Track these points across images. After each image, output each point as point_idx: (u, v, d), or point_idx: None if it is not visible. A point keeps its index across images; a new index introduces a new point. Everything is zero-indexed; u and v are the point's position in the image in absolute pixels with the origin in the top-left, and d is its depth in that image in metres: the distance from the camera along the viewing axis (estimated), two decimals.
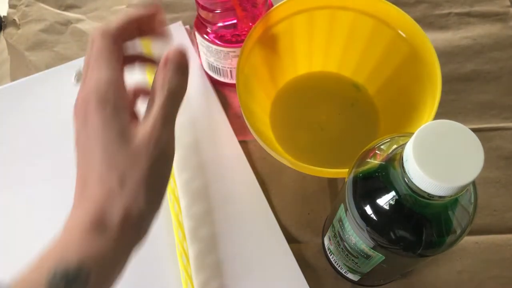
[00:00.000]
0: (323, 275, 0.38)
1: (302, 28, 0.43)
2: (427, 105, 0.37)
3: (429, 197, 0.22)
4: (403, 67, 0.41)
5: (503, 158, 0.43)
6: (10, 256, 0.40)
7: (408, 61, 0.40)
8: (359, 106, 0.45)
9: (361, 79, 0.46)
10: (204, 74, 0.48)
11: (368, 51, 0.43)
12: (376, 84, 0.45)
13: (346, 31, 0.43)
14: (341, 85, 0.47)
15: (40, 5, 0.54)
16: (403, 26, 0.40)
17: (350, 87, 0.46)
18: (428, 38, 0.38)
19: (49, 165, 0.44)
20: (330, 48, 0.45)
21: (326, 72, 0.47)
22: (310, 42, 0.45)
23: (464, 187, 0.21)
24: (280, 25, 0.42)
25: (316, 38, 0.44)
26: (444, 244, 0.26)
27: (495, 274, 0.38)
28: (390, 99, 0.44)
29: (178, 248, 0.38)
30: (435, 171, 0.21)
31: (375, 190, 0.26)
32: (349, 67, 0.46)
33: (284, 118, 0.45)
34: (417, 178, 0.21)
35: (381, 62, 0.43)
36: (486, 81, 0.47)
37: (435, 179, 0.20)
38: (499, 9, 0.51)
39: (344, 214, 0.29)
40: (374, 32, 0.42)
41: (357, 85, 0.46)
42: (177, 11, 0.53)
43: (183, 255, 0.37)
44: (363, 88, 0.46)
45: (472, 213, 0.26)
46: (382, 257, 0.28)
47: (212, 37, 0.42)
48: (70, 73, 0.49)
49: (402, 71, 0.41)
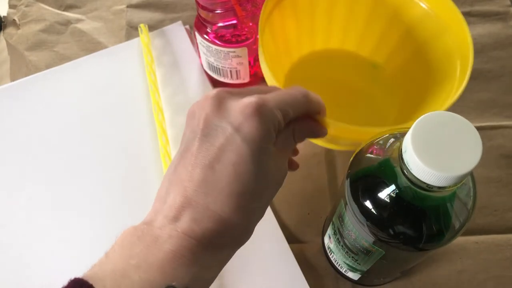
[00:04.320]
0: (323, 275, 0.38)
1: (324, 1, 0.42)
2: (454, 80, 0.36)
3: (428, 189, 0.22)
4: (429, 43, 0.40)
5: (504, 156, 0.43)
6: (10, 256, 0.40)
7: (435, 36, 0.39)
8: (376, 86, 0.45)
9: (380, 58, 0.45)
10: (204, 74, 0.48)
11: (391, 29, 0.42)
12: (395, 63, 0.44)
13: (368, 8, 0.42)
14: (359, 64, 0.46)
15: (40, 5, 0.54)
16: (432, 1, 0.39)
17: (368, 67, 0.46)
18: (459, 12, 0.37)
19: (49, 165, 0.44)
20: (350, 26, 0.45)
21: (344, 49, 0.47)
22: (330, 18, 0.44)
23: (462, 177, 0.21)
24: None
25: (336, 13, 0.44)
26: (443, 238, 0.26)
27: (495, 274, 0.38)
28: (410, 79, 0.43)
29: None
30: (433, 161, 0.21)
31: (374, 184, 0.26)
32: (367, 46, 0.46)
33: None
34: (416, 169, 0.21)
35: (403, 41, 0.42)
36: (487, 80, 0.47)
37: (433, 168, 0.21)
38: (499, 8, 0.51)
39: (344, 210, 0.29)
40: (398, 9, 0.41)
41: (376, 65, 0.46)
42: (177, 11, 0.53)
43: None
44: (382, 68, 0.46)
45: (471, 207, 0.26)
46: (382, 252, 0.28)
47: (212, 37, 0.42)
48: (70, 73, 0.49)
49: (428, 48, 0.40)
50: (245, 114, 0.23)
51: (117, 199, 0.42)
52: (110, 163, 0.44)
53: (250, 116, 0.23)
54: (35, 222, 0.41)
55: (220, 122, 0.24)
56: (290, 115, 0.25)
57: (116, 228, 0.40)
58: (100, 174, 0.43)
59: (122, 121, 0.46)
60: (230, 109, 0.24)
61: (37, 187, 0.43)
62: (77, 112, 0.46)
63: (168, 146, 0.43)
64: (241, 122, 0.23)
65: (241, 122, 0.23)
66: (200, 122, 0.24)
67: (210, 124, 0.24)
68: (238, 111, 0.24)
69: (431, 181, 0.21)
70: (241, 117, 0.23)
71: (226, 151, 0.23)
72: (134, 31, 0.52)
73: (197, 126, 0.24)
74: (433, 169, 0.21)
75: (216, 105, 0.24)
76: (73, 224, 0.41)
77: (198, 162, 0.23)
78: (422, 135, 0.21)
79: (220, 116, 0.24)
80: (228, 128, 0.23)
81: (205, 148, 0.23)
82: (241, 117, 0.23)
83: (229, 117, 0.24)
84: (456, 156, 0.21)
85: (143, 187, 0.42)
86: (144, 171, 0.43)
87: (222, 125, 0.24)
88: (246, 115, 0.23)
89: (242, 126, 0.23)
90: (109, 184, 0.43)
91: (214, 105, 0.24)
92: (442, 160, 0.21)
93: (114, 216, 0.41)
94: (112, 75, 0.49)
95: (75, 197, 0.42)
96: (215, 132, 0.24)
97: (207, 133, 0.24)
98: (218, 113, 0.24)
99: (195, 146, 0.24)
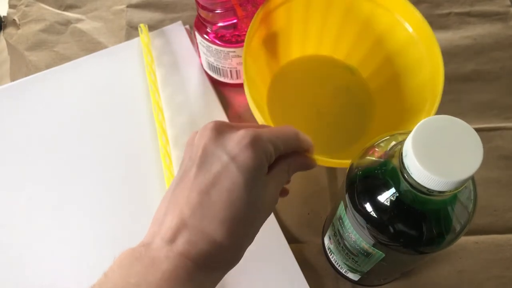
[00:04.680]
0: (323, 275, 0.38)
1: (299, 11, 0.43)
2: (427, 91, 0.37)
3: (428, 193, 0.22)
4: (402, 51, 0.41)
5: (503, 158, 0.43)
6: (10, 256, 0.40)
7: (406, 45, 0.40)
8: (353, 90, 0.46)
9: (354, 62, 0.46)
10: (204, 74, 0.48)
11: (363, 34, 0.43)
12: (370, 67, 0.45)
13: (341, 15, 0.43)
14: (335, 68, 0.47)
15: (40, 5, 0.54)
16: (402, 10, 0.40)
17: (344, 70, 0.47)
18: (427, 23, 0.38)
19: (49, 165, 0.44)
20: (325, 31, 0.45)
21: (320, 55, 0.47)
22: (305, 26, 0.45)
23: (463, 182, 0.21)
24: (279, 9, 0.41)
25: (311, 21, 0.44)
26: (444, 241, 0.26)
27: (495, 274, 0.38)
28: (385, 83, 0.44)
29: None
30: (434, 166, 0.21)
31: (374, 187, 0.26)
32: (343, 50, 0.46)
33: (280, 104, 0.45)
34: (417, 173, 0.21)
35: (375, 46, 0.43)
36: (486, 81, 0.47)
37: (434, 173, 0.21)
38: (499, 9, 0.51)
39: (344, 212, 0.29)
40: (370, 16, 0.42)
41: (351, 68, 0.46)
42: (177, 11, 0.53)
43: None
44: (357, 72, 0.46)
45: (471, 210, 0.26)
46: (382, 254, 0.28)
47: (212, 37, 0.42)
48: (70, 73, 0.49)
49: (399, 55, 0.41)
50: (241, 145, 0.25)
51: (117, 199, 0.42)
52: (110, 163, 0.44)
53: (246, 147, 0.25)
54: (35, 222, 0.41)
55: (218, 151, 0.25)
56: (280, 149, 0.28)
57: (116, 228, 0.40)
58: (100, 174, 0.43)
59: (122, 121, 0.46)
60: (228, 139, 0.26)
61: (37, 187, 0.43)
62: (77, 112, 0.46)
63: (168, 146, 0.43)
64: (237, 152, 0.25)
65: (237, 152, 0.25)
66: (199, 150, 0.26)
67: (208, 152, 0.26)
68: (235, 142, 0.25)
69: (432, 186, 0.21)
70: (237, 147, 0.25)
71: (222, 178, 0.25)
72: (134, 31, 0.52)
73: (195, 154, 0.26)
74: (434, 174, 0.21)
75: (215, 135, 0.26)
76: (73, 224, 0.41)
77: (195, 187, 0.25)
78: (423, 140, 0.21)
79: (218, 145, 0.26)
80: (224, 157, 0.25)
81: (202, 174, 0.25)
82: (237, 148, 0.25)
83: (226, 146, 0.26)
84: (457, 160, 0.21)
85: (143, 187, 0.42)
86: (144, 171, 0.43)
87: (219, 153, 0.25)
88: (242, 146, 0.25)
89: (237, 156, 0.25)
90: (109, 184, 0.43)
91: (212, 135, 0.26)
92: (443, 165, 0.21)
93: (114, 216, 0.41)
94: (112, 75, 0.49)
95: (75, 197, 0.42)
96: (212, 160, 0.25)
97: (205, 161, 0.25)
98: (216, 143, 0.26)
99: (193, 171, 0.25)
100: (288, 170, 0.29)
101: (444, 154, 0.21)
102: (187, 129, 0.45)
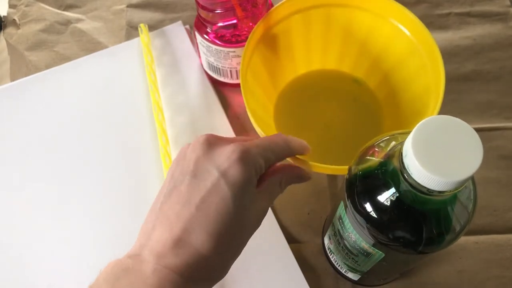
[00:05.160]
0: (323, 275, 0.38)
1: (299, 28, 0.43)
2: (431, 96, 0.37)
3: (428, 193, 0.22)
4: (404, 59, 0.41)
5: (503, 158, 0.43)
6: (10, 256, 0.40)
7: (408, 53, 0.40)
8: (361, 101, 0.45)
9: (360, 74, 0.46)
10: (204, 74, 0.48)
11: (367, 45, 0.43)
12: (376, 78, 0.45)
13: (343, 28, 0.43)
14: (341, 81, 0.47)
15: (40, 5, 0.54)
16: (402, 19, 0.40)
17: (350, 83, 0.46)
18: (428, 30, 0.38)
19: (49, 165, 0.44)
20: (328, 46, 0.45)
21: (326, 69, 0.47)
22: (307, 42, 0.45)
23: (463, 182, 0.21)
24: (278, 27, 0.42)
25: (313, 36, 0.44)
26: (443, 241, 0.26)
27: (495, 274, 0.38)
28: (392, 92, 0.44)
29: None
30: (434, 166, 0.21)
31: (374, 187, 0.26)
32: (348, 63, 0.46)
33: (287, 120, 0.45)
34: (416, 173, 0.21)
35: (380, 56, 0.43)
36: (486, 81, 0.47)
37: (434, 173, 0.21)
38: (499, 9, 0.51)
39: (344, 212, 0.29)
40: (372, 27, 0.42)
41: (358, 80, 0.46)
42: (177, 11, 0.53)
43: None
44: (364, 83, 0.46)
45: (471, 210, 0.26)
46: (382, 254, 0.28)
47: (212, 37, 0.42)
48: (70, 73, 0.49)
49: (403, 64, 0.41)
50: (230, 160, 0.26)
51: (117, 199, 0.42)
52: (110, 163, 0.44)
53: (235, 162, 0.26)
54: (35, 222, 0.41)
55: (208, 165, 0.26)
56: (272, 159, 0.28)
57: (116, 228, 0.40)
58: (100, 174, 0.43)
59: (122, 121, 0.46)
60: (218, 154, 0.27)
61: (37, 187, 0.43)
62: (77, 112, 0.46)
63: (168, 146, 0.43)
64: (226, 168, 0.26)
65: (226, 167, 0.26)
66: (191, 164, 0.27)
67: (199, 167, 0.26)
68: (225, 157, 0.26)
69: (432, 186, 0.21)
70: (227, 162, 0.26)
71: (211, 193, 0.25)
72: (134, 31, 0.52)
73: (187, 167, 0.27)
74: (434, 174, 0.21)
75: (205, 150, 0.27)
76: (73, 224, 0.41)
77: (185, 200, 0.25)
78: (422, 140, 0.21)
79: (209, 159, 0.26)
80: (214, 171, 0.26)
81: (191, 188, 0.26)
82: (227, 163, 0.26)
83: (216, 161, 0.26)
84: (457, 160, 0.21)
85: (143, 187, 0.42)
86: (144, 171, 0.43)
87: (210, 168, 0.26)
88: (231, 161, 0.26)
89: (227, 171, 0.26)
90: (109, 184, 0.43)
91: (204, 149, 0.27)
92: (443, 165, 0.21)
93: (114, 216, 0.41)
94: (112, 75, 0.49)
95: (75, 197, 0.42)
96: (203, 175, 0.26)
97: (196, 175, 0.26)
98: (207, 157, 0.27)
99: (183, 185, 0.26)
100: (280, 183, 0.30)
101: (444, 154, 0.21)
102: (187, 129, 0.45)
